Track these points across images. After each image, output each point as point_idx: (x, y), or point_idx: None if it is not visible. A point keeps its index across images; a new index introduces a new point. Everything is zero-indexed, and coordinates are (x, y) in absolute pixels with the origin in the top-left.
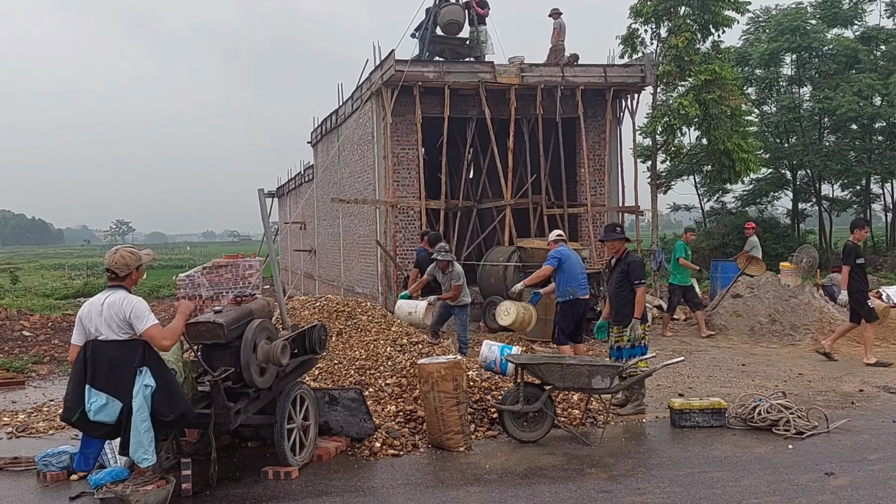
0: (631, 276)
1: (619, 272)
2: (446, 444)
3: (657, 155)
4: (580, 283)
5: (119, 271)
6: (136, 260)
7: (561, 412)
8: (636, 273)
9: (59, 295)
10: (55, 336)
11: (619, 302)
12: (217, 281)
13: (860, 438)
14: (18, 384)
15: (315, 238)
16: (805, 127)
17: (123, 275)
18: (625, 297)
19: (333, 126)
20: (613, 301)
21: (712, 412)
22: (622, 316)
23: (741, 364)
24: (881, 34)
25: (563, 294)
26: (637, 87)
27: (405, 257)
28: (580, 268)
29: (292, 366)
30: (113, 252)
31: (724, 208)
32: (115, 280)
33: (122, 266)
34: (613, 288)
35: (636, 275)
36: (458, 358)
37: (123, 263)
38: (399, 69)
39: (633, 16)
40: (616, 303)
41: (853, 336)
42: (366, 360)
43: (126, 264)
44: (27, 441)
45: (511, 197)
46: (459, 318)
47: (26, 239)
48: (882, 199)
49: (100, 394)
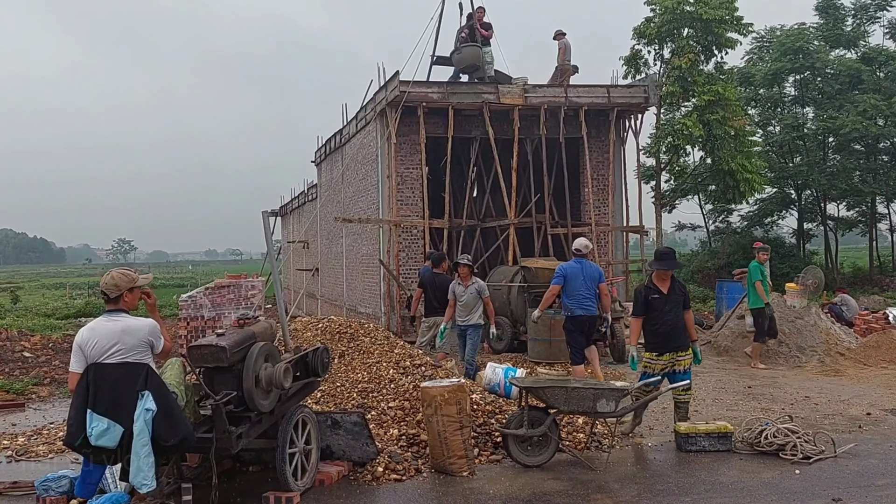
0: (686, 300)
1: (676, 298)
2: (450, 469)
3: (661, 174)
4: (579, 300)
5: (109, 293)
6: (127, 281)
7: (566, 436)
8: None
9: (60, 315)
10: (56, 357)
11: (680, 326)
12: (219, 301)
13: (868, 463)
14: (18, 406)
15: (318, 257)
16: (809, 146)
17: (114, 296)
18: (683, 322)
19: (338, 145)
20: (676, 327)
21: (718, 436)
22: (683, 340)
23: (747, 386)
24: (882, 55)
25: (564, 310)
26: (640, 108)
27: (408, 277)
28: (582, 284)
29: (294, 389)
30: (106, 274)
31: (730, 228)
32: (110, 303)
33: (112, 287)
34: (675, 314)
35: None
36: (462, 381)
37: (113, 285)
38: (403, 90)
39: (637, 37)
40: (678, 328)
41: (860, 358)
42: (368, 382)
43: (115, 285)
44: (27, 465)
45: (515, 216)
46: (471, 340)
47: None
48: (888, 218)
49: (101, 418)
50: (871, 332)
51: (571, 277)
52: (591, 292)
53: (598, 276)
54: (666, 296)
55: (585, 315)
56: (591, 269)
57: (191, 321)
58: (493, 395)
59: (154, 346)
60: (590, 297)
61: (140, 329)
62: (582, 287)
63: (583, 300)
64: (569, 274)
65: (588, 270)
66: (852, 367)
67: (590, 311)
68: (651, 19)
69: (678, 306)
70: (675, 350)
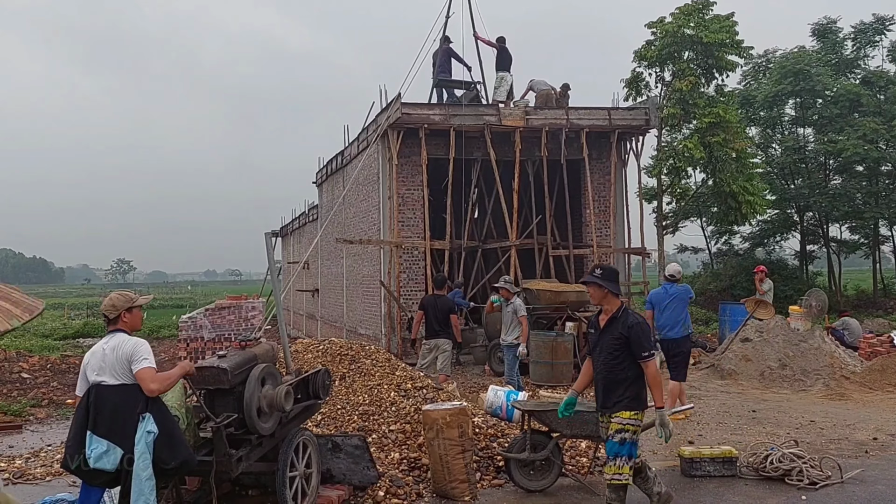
0: (633, 345)
1: (613, 338)
2: (451, 493)
3: (663, 196)
4: (663, 324)
5: (108, 313)
6: (125, 301)
7: (568, 460)
8: (640, 341)
9: (59, 335)
10: (54, 378)
11: (611, 379)
12: (220, 323)
13: (875, 489)
14: (16, 428)
15: (318, 278)
16: (811, 169)
17: (113, 316)
18: (621, 374)
19: (339, 166)
20: (606, 378)
21: (723, 461)
22: (613, 400)
23: (751, 410)
24: (882, 80)
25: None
26: (642, 130)
27: (409, 298)
28: (667, 309)
29: (295, 411)
30: (106, 296)
31: (732, 250)
32: (109, 324)
33: (110, 308)
34: (604, 358)
35: (641, 344)
36: (464, 404)
37: (111, 305)
38: (405, 111)
39: (638, 60)
40: (608, 380)
41: (866, 382)
42: (369, 405)
43: (114, 306)
44: (23, 488)
45: (516, 238)
46: (507, 359)
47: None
48: (891, 240)
49: (101, 440)
50: (876, 355)
51: (659, 303)
52: (677, 316)
53: (686, 297)
54: (600, 332)
55: (668, 339)
56: (677, 292)
57: (190, 342)
58: (495, 418)
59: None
60: (675, 322)
61: (122, 346)
62: (667, 312)
63: (668, 323)
64: (655, 300)
65: (674, 293)
66: (857, 390)
67: (672, 335)
68: (652, 42)
69: (611, 353)
70: (602, 410)
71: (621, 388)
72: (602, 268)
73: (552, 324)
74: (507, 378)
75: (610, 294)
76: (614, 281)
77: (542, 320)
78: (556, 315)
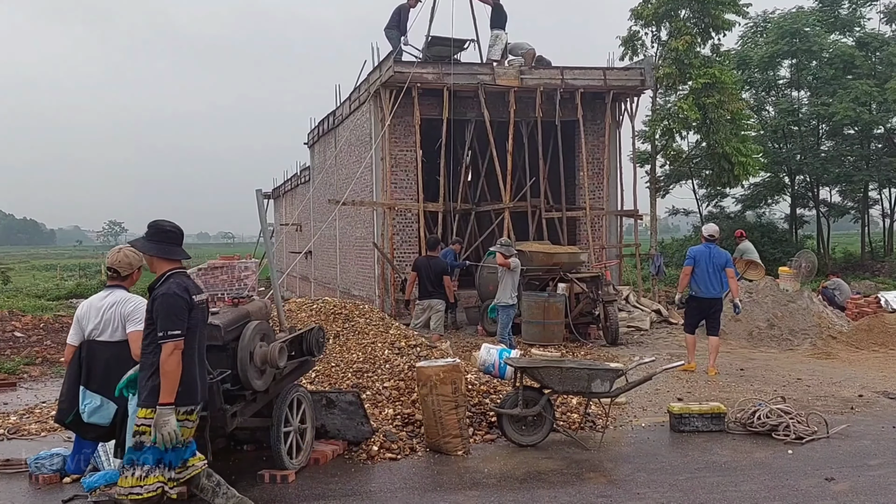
0: (157, 322)
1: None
2: (444, 448)
3: (656, 159)
4: (702, 283)
5: (122, 270)
6: (139, 260)
7: (560, 416)
8: (163, 318)
9: (51, 296)
10: (47, 337)
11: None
12: (212, 282)
13: (860, 444)
14: (10, 386)
15: (311, 240)
16: (803, 132)
17: (125, 274)
18: (147, 359)
19: (331, 127)
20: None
21: (712, 417)
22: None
23: (740, 369)
24: (877, 41)
25: (691, 290)
26: (637, 91)
27: (403, 260)
28: (709, 268)
29: (289, 368)
30: (117, 251)
31: (723, 212)
32: (116, 279)
33: (126, 265)
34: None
35: (162, 323)
36: (457, 361)
37: (127, 263)
38: (398, 70)
39: (634, 18)
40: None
41: (852, 341)
42: (363, 363)
43: (129, 263)
44: (19, 443)
45: (510, 200)
46: (500, 318)
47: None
48: (880, 204)
49: (94, 395)
50: (862, 315)
51: (700, 261)
52: (716, 276)
53: (724, 261)
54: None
55: (707, 297)
56: (718, 255)
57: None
58: (488, 375)
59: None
60: (714, 281)
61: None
62: (708, 270)
63: (707, 283)
64: (699, 258)
65: (716, 255)
66: (844, 350)
67: (711, 294)
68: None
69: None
70: (145, 406)
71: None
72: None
73: (544, 285)
74: (500, 337)
75: None
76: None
77: (534, 281)
78: (549, 276)
